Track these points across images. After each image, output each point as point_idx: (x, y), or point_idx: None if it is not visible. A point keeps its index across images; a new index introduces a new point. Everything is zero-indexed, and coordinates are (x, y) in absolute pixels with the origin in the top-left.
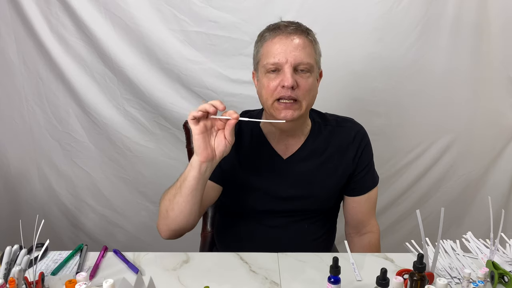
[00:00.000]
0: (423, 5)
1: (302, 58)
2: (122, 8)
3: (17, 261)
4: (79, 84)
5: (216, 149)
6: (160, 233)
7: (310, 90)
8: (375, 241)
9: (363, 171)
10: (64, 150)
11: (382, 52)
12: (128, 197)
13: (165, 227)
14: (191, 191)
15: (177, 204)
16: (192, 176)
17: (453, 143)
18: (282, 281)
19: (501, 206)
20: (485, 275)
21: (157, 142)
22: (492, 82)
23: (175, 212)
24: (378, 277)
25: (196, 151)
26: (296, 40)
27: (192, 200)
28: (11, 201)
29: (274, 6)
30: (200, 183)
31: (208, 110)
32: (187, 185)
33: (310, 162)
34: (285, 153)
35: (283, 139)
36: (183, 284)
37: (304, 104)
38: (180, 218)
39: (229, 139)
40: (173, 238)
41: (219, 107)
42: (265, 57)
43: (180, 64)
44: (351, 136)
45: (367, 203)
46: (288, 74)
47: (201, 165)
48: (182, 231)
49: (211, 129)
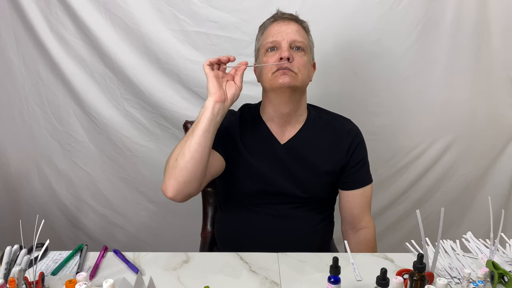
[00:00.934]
0: (423, 5)
1: (296, 37)
2: (122, 8)
3: (17, 261)
4: (79, 84)
5: (227, 92)
6: (165, 191)
7: (304, 66)
8: (371, 237)
9: (357, 165)
10: (64, 150)
11: (382, 52)
12: (128, 197)
13: (172, 180)
14: (203, 132)
15: (188, 148)
16: (205, 117)
17: (453, 143)
18: (282, 281)
19: (501, 206)
20: (485, 275)
21: (157, 142)
22: (492, 82)
23: (185, 157)
24: (378, 277)
25: (210, 92)
26: (292, 25)
27: (204, 142)
28: (11, 201)
29: (274, 6)
30: (212, 125)
31: (221, 59)
32: (200, 126)
33: (305, 149)
34: (282, 138)
35: (281, 124)
36: (183, 284)
37: (300, 76)
38: (190, 165)
39: (238, 84)
40: (178, 197)
41: (230, 58)
42: (265, 39)
43: (180, 64)
44: (345, 129)
45: (361, 198)
46: (284, 47)
47: (214, 105)
48: (188, 186)
49: (222, 78)
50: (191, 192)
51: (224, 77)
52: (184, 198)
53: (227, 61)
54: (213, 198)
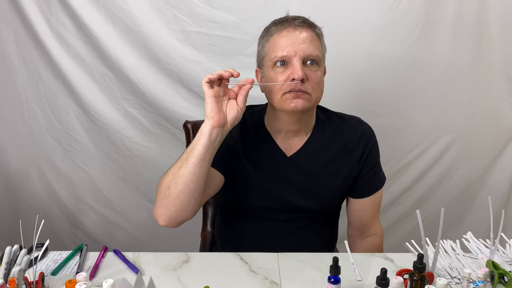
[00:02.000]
0: (423, 5)
1: (311, 50)
2: (122, 8)
3: (17, 261)
4: (79, 84)
5: (228, 115)
6: (157, 219)
7: (319, 83)
8: (379, 244)
9: (370, 172)
10: (64, 150)
11: (382, 52)
12: (128, 197)
13: (164, 209)
14: (199, 161)
15: (181, 177)
16: (201, 144)
17: (453, 143)
18: (282, 281)
19: (501, 206)
20: (485, 275)
21: (157, 142)
22: (492, 82)
23: (178, 187)
24: (378, 277)
25: (208, 116)
26: (304, 33)
27: (199, 172)
28: (11, 201)
29: (274, 6)
30: (209, 152)
31: (223, 75)
32: (195, 154)
33: (314, 161)
34: (289, 151)
35: (288, 137)
36: (183, 284)
37: (314, 96)
38: (183, 195)
39: (241, 105)
40: (171, 225)
41: (233, 73)
42: (272, 50)
43: (180, 64)
44: (357, 135)
45: (372, 205)
46: (297, 66)
47: (212, 130)
48: (181, 214)
49: (223, 96)
50: (185, 219)
51: (225, 95)
52: (178, 225)
53: (230, 76)
54: (213, 198)
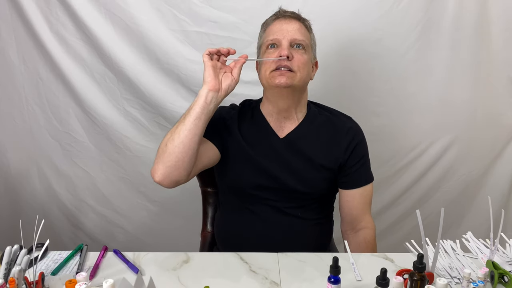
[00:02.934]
0: (423, 5)
1: (297, 35)
2: (122, 8)
3: (17, 261)
4: (79, 84)
5: (223, 83)
6: (153, 175)
7: (304, 65)
8: (370, 237)
9: (357, 164)
10: (64, 150)
11: (382, 52)
12: (128, 197)
13: (160, 164)
14: (194, 119)
15: (178, 134)
16: (198, 105)
17: (453, 143)
18: (282, 281)
19: (501, 206)
20: (485, 275)
21: (157, 142)
22: (492, 82)
23: (175, 142)
24: (378, 277)
25: (206, 80)
26: (293, 23)
27: (194, 130)
28: (11, 201)
29: (274, 6)
30: (204, 113)
31: (221, 50)
32: (192, 113)
33: (303, 144)
34: (281, 133)
35: (280, 120)
36: (183, 284)
37: (299, 75)
38: (178, 150)
39: (235, 76)
40: (165, 182)
41: (231, 50)
42: (266, 36)
43: (180, 64)
44: (345, 128)
45: (361, 198)
46: (284, 45)
47: (208, 93)
48: (175, 171)
49: (220, 69)
50: (179, 179)
51: (222, 68)
52: (171, 184)
53: (227, 53)
54: (213, 198)
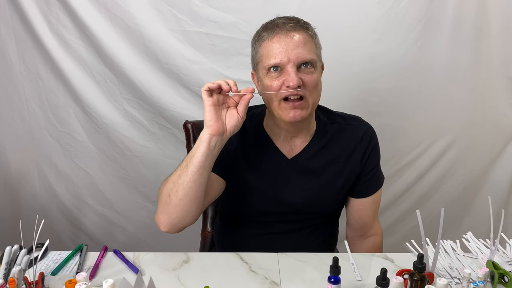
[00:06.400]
0: (423, 5)
1: (304, 55)
2: (122, 8)
3: (17, 261)
4: (79, 84)
5: (227, 124)
6: (158, 225)
7: (315, 86)
8: (380, 244)
9: (370, 172)
10: (64, 150)
11: (382, 52)
12: (128, 197)
13: (166, 216)
14: (198, 169)
15: (182, 185)
16: (200, 152)
17: (453, 143)
18: (282, 281)
19: (501, 206)
20: (485, 275)
21: (157, 142)
22: (492, 82)
23: (179, 194)
24: (378, 277)
25: (207, 124)
26: (296, 36)
27: (199, 180)
28: (11, 201)
29: (274, 6)
30: (208, 160)
31: (222, 86)
32: (194, 162)
33: (316, 162)
34: (290, 153)
35: (288, 139)
36: (183, 284)
37: (311, 101)
38: (183, 202)
39: (242, 114)
40: (172, 231)
41: (232, 87)
42: (266, 58)
43: (180, 64)
44: (359, 135)
45: (373, 204)
46: (292, 73)
47: (211, 138)
48: (182, 221)
49: (222, 105)
50: (186, 225)
51: (225, 103)
52: (179, 230)
53: (229, 90)
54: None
